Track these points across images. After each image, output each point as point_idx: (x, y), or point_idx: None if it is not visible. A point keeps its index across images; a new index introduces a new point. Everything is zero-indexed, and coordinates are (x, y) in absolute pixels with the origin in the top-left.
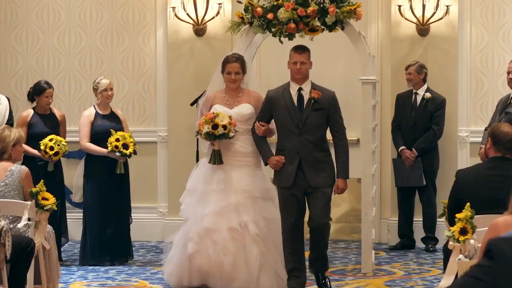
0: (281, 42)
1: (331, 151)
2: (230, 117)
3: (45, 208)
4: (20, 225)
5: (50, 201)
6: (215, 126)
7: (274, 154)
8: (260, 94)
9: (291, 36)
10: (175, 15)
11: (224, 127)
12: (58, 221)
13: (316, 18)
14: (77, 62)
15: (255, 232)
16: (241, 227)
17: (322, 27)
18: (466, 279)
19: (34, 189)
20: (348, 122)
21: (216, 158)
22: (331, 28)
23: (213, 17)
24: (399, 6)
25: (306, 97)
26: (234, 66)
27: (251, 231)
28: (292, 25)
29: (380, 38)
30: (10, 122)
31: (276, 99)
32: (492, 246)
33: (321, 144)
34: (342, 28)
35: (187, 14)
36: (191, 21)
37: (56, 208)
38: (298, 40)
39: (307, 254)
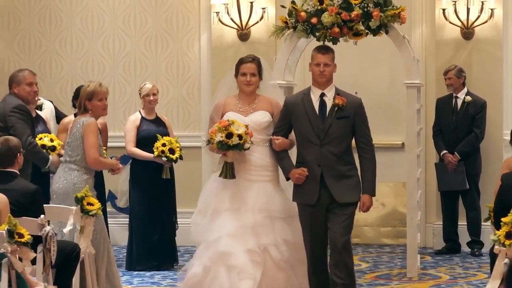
0: None
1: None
2: (246, 126)
3: (90, 213)
4: (65, 230)
5: (95, 206)
6: (229, 135)
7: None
8: (278, 101)
9: (335, 41)
10: (219, 20)
11: (240, 136)
12: None
13: (360, 22)
14: (122, 68)
15: (278, 257)
16: (260, 250)
17: (366, 31)
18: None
19: (79, 194)
20: (392, 126)
21: (228, 172)
22: (375, 32)
23: (257, 22)
24: (444, 10)
25: (329, 104)
26: (250, 67)
27: (273, 255)
28: (336, 30)
29: (425, 41)
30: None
31: (295, 106)
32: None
33: (345, 157)
34: (386, 32)
35: (231, 19)
36: (235, 26)
37: (101, 213)
38: (341, 44)
39: None
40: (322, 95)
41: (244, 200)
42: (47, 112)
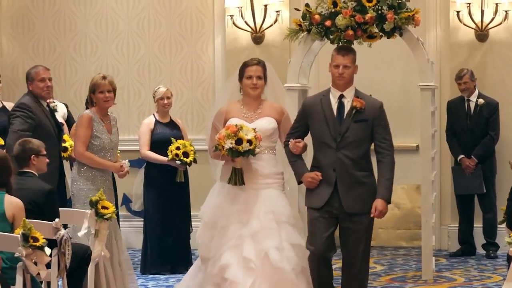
0: None
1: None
2: (254, 130)
3: (104, 217)
4: (79, 234)
5: (110, 209)
6: (239, 141)
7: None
8: (283, 107)
9: (349, 43)
10: (233, 23)
11: (250, 142)
12: None
13: (374, 25)
14: (136, 71)
15: (278, 259)
16: (259, 257)
17: (380, 33)
18: None
19: (93, 198)
20: (407, 129)
21: (238, 178)
22: (389, 34)
23: (271, 25)
24: (458, 12)
25: (347, 106)
26: (256, 70)
27: (273, 258)
28: (350, 32)
29: (439, 44)
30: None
31: (313, 108)
32: None
33: (362, 162)
34: (401, 35)
35: (245, 22)
36: (249, 29)
37: (115, 217)
38: (356, 46)
39: None
40: (341, 97)
41: (249, 209)
42: (60, 114)
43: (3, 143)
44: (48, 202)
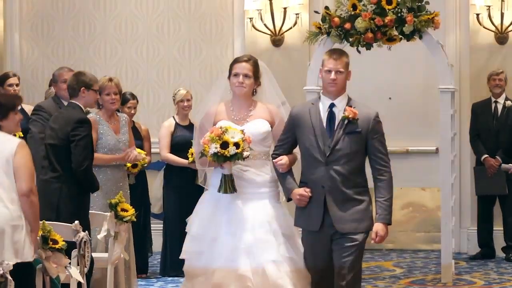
0: (359, 52)
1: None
2: (242, 131)
3: (124, 219)
4: (99, 236)
5: (129, 212)
6: (225, 145)
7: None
8: (278, 110)
9: (369, 46)
10: (253, 25)
11: (237, 145)
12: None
13: (394, 28)
14: (155, 74)
15: (276, 275)
16: (256, 274)
17: (400, 36)
18: None
19: (113, 200)
20: (426, 132)
21: (228, 185)
22: (409, 37)
23: (291, 28)
24: (477, 15)
25: (339, 116)
26: (244, 67)
27: (271, 274)
28: (370, 35)
29: (459, 46)
30: None
31: (301, 117)
32: None
33: (355, 178)
34: (420, 37)
35: (265, 25)
36: (269, 32)
37: (135, 220)
38: (375, 49)
39: None
40: (332, 105)
41: (241, 220)
42: None
43: (22, 135)
44: (74, 130)
